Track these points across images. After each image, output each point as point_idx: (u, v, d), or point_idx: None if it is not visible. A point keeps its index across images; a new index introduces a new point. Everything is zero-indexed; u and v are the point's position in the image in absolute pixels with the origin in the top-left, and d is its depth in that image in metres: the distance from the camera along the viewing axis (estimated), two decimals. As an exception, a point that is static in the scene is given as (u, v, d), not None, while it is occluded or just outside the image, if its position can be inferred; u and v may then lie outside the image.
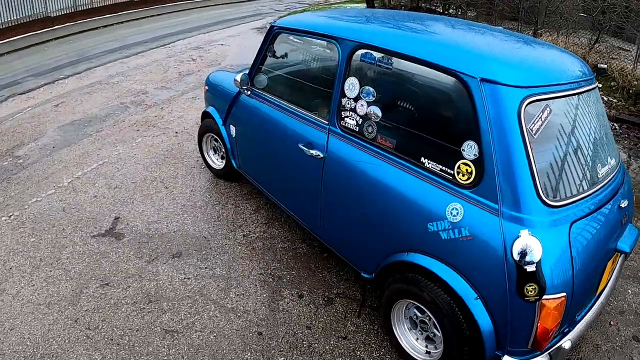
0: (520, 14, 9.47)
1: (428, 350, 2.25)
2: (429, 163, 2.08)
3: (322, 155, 2.52)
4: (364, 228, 2.37)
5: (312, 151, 2.56)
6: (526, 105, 1.86)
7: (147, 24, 13.39)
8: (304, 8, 17.24)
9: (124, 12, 14.37)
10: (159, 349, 2.46)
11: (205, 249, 3.24)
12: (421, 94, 2.28)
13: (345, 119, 2.43)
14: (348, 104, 2.41)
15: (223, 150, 3.98)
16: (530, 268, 1.69)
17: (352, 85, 2.38)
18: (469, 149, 1.94)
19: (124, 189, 4.04)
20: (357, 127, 2.38)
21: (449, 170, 2.01)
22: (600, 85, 6.59)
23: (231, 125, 3.58)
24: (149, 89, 6.99)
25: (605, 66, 7.39)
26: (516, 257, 1.73)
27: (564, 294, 1.78)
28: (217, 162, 4.17)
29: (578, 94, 2.09)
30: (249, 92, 3.23)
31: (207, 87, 4.05)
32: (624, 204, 2.22)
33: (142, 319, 2.65)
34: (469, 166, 1.95)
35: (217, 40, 10.79)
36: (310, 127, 2.64)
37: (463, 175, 1.97)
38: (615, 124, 6.12)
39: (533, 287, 1.71)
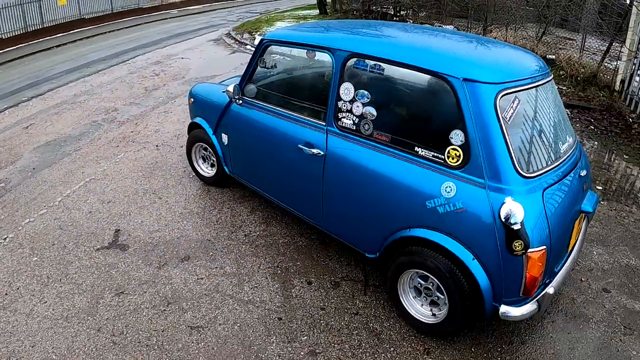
0: (469, 12, 10.10)
1: (433, 313, 2.59)
2: (422, 151, 2.42)
3: (322, 153, 2.82)
4: (368, 214, 2.68)
5: (313, 150, 2.85)
6: (500, 98, 2.25)
7: (101, 41, 13.24)
8: (256, 17, 17.48)
9: (76, 30, 14.16)
10: (189, 344, 2.64)
11: (212, 251, 3.45)
12: (411, 94, 2.64)
13: (342, 119, 2.74)
14: (344, 106, 2.72)
15: (213, 158, 4.19)
16: (516, 227, 2.06)
17: (347, 90, 2.69)
18: (456, 137, 2.30)
19: (118, 203, 4.17)
20: (354, 126, 2.69)
21: (440, 156, 2.36)
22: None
23: (222, 134, 3.80)
24: (118, 105, 7.05)
25: (554, 57, 8.06)
26: (503, 219, 2.09)
27: (544, 247, 2.16)
28: (207, 171, 4.37)
29: (539, 85, 2.51)
30: (240, 102, 3.48)
31: (192, 100, 4.25)
32: (583, 173, 2.65)
33: (165, 319, 2.82)
34: (457, 150, 2.30)
35: (176, 54, 10.87)
36: (308, 128, 2.93)
37: (453, 159, 2.32)
38: (567, 110, 6.74)
39: (519, 243, 2.07)
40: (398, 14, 13.70)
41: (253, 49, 11.61)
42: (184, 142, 5.52)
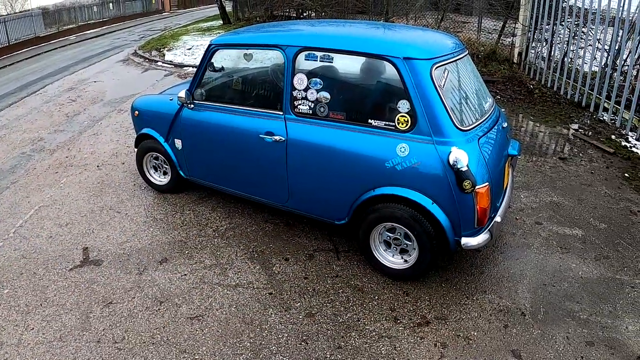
0: (370, 6, 10.79)
1: (405, 259, 3.00)
2: (375, 122, 2.81)
3: (284, 139, 3.12)
4: (334, 185, 3.03)
5: (274, 137, 3.14)
6: (434, 70, 2.72)
7: (3, 75, 12.42)
8: (159, 34, 17.21)
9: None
10: (193, 333, 2.79)
11: (186, 249, 3.61)
12: (359, 76, 3.05)
13: (299, 106, 3.07)
14: (299, 94, 3.05)
15: (165, 166, 4.32)
16: (464, 169, 2.51)
17: (300, 80, 3.02)
18: (403, 105, 2.72)
19: (77, 224, 4.15)
20: (311, 110, 3.03)
21: (391, 123, 2.77)
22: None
23: (175, 140, 3.96)
24: (43, 135, 6.81)
25: (455, 40, 8.96)
26: (452, 165, 2.53)
27: (487, 183, 2.64)
28: (160, 179, 4.48)
29: (459, 59, 3.04)
30: (192, 106, 3.67)
31: (137, 112, 4.34)
32: (505, 125, 3.20)
33: (162, 317, 2.92)
34: (405, 117, 2.72)
35: (87, 78, 10.54)
36: (267, 119, 3.22)
37: (402, 124, 2.74)
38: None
39: (468, 182, 2.53)
40: (302, 16, 14.21)
41: (164, 65, 11.57)
42: (124, 159, 5.55)
